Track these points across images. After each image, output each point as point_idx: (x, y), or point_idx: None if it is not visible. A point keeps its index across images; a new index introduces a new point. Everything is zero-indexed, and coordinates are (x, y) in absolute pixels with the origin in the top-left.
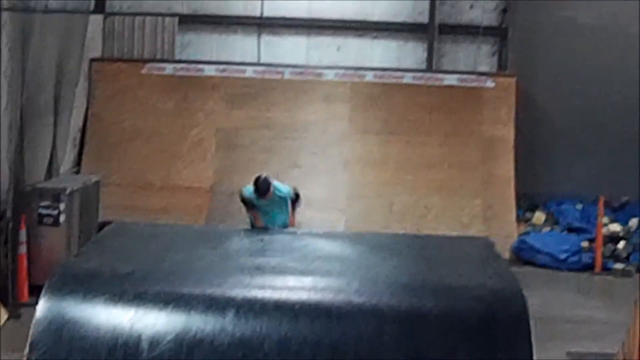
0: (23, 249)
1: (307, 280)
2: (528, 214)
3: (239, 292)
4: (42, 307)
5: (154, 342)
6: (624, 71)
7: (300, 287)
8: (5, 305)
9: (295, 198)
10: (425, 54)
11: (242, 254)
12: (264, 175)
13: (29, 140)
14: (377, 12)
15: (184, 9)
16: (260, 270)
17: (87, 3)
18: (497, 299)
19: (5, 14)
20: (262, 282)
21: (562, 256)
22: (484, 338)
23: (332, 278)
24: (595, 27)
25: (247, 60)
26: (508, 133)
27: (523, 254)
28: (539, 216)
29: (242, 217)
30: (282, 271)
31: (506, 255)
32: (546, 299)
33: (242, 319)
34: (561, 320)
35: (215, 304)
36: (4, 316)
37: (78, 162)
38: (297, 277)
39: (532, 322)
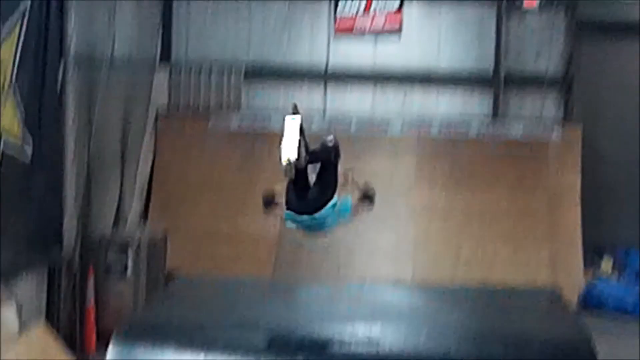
0: (91, 299)
1: (376, 331)
2: (595, 263)
3: (309, 343)
4: (111, 357)
5: None
6: None
7: (369, 337)
8: (74, 354)
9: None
10: (490, 105)
11: (311, 304)
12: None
13: (96, 192)
14: (443, 63)
15: (249, 59)
16: (330, 320)
17: (153, 53)
18: (567, 349)
19: (71, 66)
20: (331, 332)
21: (630, 304)
22: None
23: (401, 328)
24: None
25: (313, 110)
26: (574, 183)
27: (591, 302)
28: (606, 264)
29: (310, 267)
30: (351, 321)
31: (574, 303)
32: (615, 348)
33: None
34: None
35: (284, 353)
36: None
37: (145, 212)
38: (366, 327)
39: None
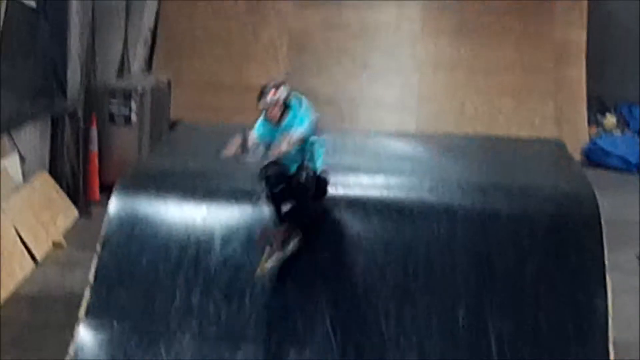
0: (94, 148)
1: (380, 179)
2: (599, 117)
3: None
4: (114, 204)
5: (226, 239)
6: None
7: (373, 186)
8: (77, 203)
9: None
10: None
11: None
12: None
13: (101, 40)
14: None
15: None
16: (333, 168)
17: None
18: (570, 200)
19: None
20: (335, 180)
21: (634, 159)
22: (556, 239)
23: (404, 177)
24: None
25: None
26: (580, 37)
27: (594, 157)
28: (610, 119)
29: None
30: (355, 169)
31: (577, 158)
32: (617, 202)
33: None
34: (632, 223)
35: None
36: (75, 214)
37: (149, 62)
38: (370, 176)
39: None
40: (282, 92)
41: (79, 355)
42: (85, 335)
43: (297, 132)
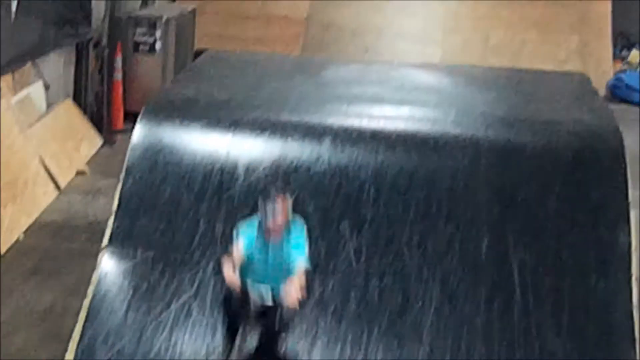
0: (119, 76)
1: (404, 110)
2: (624, 53)
3: (336, 120)
4: (139, 132)
5: (250, 168)
6: None
7: (397, 117)
8: (100, 131)
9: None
10: None
11: (339, 84)
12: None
13: None
14: None
15: None
16: (357, 99)
17: None
18: (594, 135)
19: None
20: (359, 111)
21: None
22: (579, 173)
23: (429, 109)
24: None
25: None
26: None
27: (618, 92)
28: (635, 55)
29: (337, 48)
30: (379, 100)
31: (601, 92)
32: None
33: (339, 147)
34: None
35: (311, 132)
36: (99, 142)
37: None
38: (394, 107)
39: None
40: (289, 209)
41: (102, 283)
42: (108, 263)
43: (301, 266)
